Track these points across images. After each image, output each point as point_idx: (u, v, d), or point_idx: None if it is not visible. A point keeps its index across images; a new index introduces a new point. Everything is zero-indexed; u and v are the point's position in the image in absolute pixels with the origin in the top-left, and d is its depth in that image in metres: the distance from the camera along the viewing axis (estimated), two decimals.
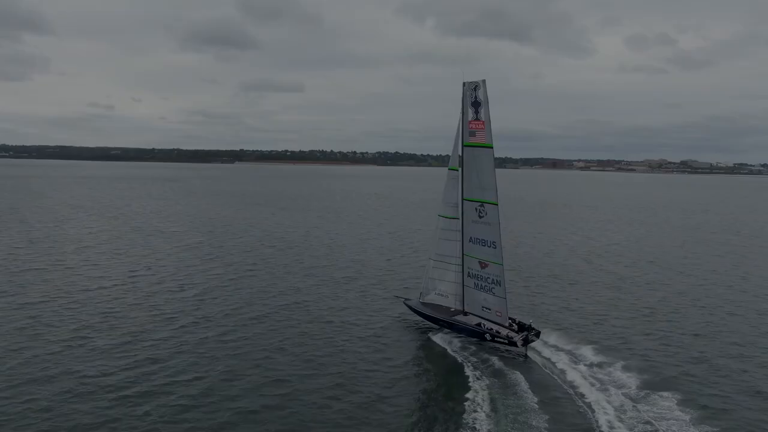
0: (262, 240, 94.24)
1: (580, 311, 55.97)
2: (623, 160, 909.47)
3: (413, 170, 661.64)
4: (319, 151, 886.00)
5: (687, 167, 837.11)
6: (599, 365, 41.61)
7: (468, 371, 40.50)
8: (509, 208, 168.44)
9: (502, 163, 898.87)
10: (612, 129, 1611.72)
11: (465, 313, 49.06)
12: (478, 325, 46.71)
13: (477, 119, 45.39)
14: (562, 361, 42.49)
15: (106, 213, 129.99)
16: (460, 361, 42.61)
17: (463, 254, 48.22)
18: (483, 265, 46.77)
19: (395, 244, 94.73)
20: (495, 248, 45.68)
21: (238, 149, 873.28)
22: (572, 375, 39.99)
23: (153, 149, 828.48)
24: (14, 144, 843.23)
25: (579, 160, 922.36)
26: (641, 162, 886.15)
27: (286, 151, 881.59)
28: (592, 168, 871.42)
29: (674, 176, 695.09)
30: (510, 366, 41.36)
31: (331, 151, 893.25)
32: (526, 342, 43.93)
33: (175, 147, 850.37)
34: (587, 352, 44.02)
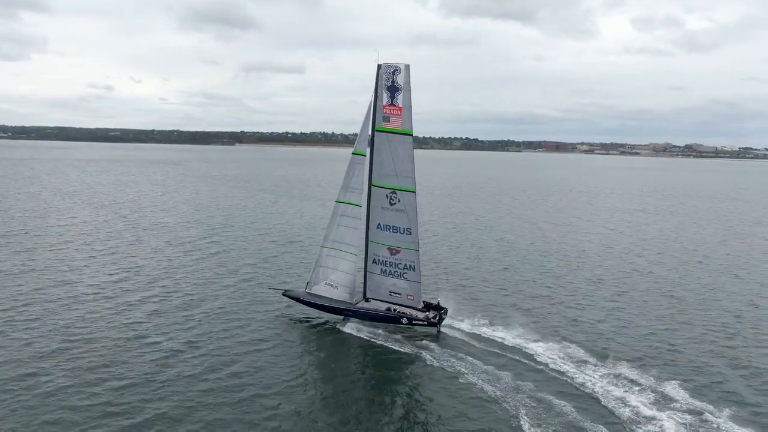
0: (262, 232, 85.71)
1: (649, 337, 47.33)
2: (627, 144, 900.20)
3: (422, 153, 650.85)
4: (320, 133, 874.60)
5: (692, 151, 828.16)
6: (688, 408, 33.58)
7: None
8: (521, 195, 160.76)
9: (504, 145, 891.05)
10: (614, 112, 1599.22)
11: (366, 300, 48.37)
12: (388, 309, 46.84)
13: (393, 104, 44.43)
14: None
15: (97, 201, 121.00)
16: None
17: (367, 240, 47.47)
18: (393, 251, 46.86)
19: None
20: (410, 234, 46.16)
21: (238, 131, 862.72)
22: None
23: (153, 130, 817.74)
24: (13, 125, 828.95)
25: (582, 143, 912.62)
26: (645, 145, 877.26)
27: (287, 132, 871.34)
28: (595, 151, 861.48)
29: (679, 160, 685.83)
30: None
31: (333, 133, 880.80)
32: (440, 321, 45.77)
33: (175, 128, 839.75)
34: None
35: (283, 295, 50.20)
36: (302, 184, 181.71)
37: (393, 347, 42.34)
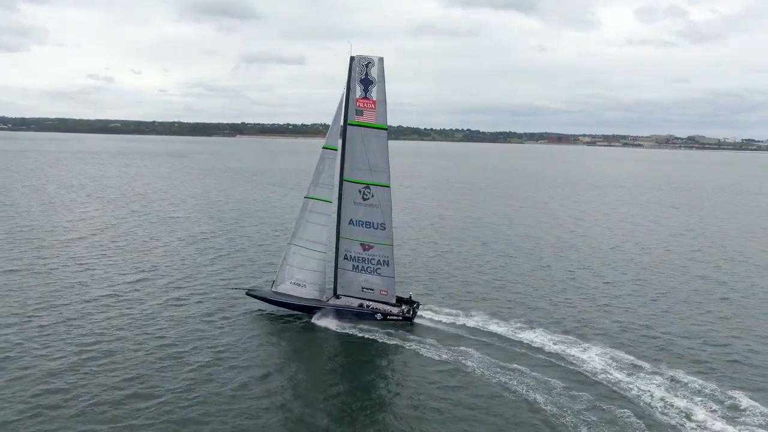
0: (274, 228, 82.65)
1: (704, 342, 44.37)
2: (629, 135, 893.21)
3: (423, 145, 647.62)
4: (321, 125, 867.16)
5: (694, 143, 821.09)
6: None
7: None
8: (533, 187, 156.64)
9: (506, 137, 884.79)
10: (615, 104, 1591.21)
11: (337, 296, 47.34)
12: (361, 306, 45.99)
13: (366, 98, 43.67)
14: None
15: (104, 195, 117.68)
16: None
17: (338, 237, 46.52)
18: (366, 247, 46.08)
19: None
20: (384, 229, 45.54)
21: (239, 122, 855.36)
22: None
23: (153, 122, 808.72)
24: (13, 116, 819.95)
25: (584, 135, 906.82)
26: (648, 137, 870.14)
27: (288, 124, 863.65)
28: (597, 143, 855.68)
29: (682, 152, 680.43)
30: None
31: None
32: (414, 315, 45.29)
33: (176, 120, 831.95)
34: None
35: (247, 294, 48.38)
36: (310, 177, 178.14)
37: (431, 355, 39.37)
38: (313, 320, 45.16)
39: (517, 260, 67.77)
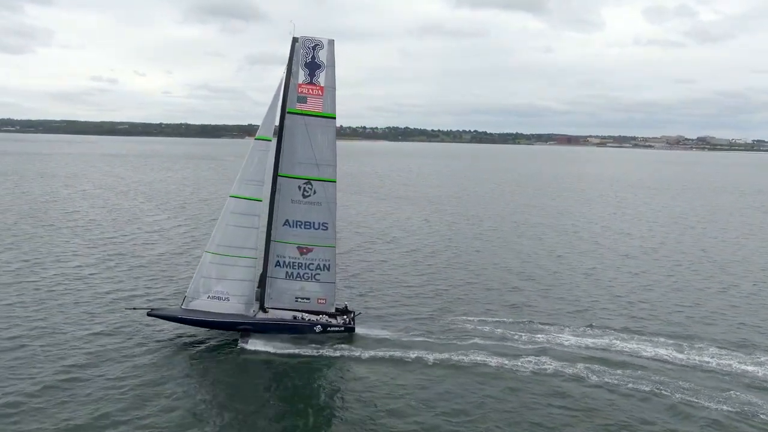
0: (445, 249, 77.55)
1: None
2: (639, 137, 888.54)
3: (435, 147, 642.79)
4: None
5: (705, 144, 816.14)
6: None
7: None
8: (575, 190, 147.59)
9: (514, 138, 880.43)
10: (618, 104, 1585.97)
11: (265, 310, 41.44)
12: (295, 318, 41.15)
13: (312, 83, 39.96)
14: None
15: (164, 201, 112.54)
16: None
17: (269, 241, 41.37)
18: (304, 250, 41.48)
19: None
20: (326, 230, 41.41)
21: (245, 124, 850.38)
22: None
23: (160, 124, 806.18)
24: (19, 118, 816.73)
25: (593, 136, 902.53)
26: (659, 138, 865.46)
27: None
28: (608, 144, 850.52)
29: (695, 153, 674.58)
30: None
31: (341, 126, 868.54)
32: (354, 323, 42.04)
33: (181, 122, 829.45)
34: None
35: (150, 315, 40.72)
36: (349, 177, 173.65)
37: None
38: (240, 341, 39.14)
39: (631, 275, 62.78)
